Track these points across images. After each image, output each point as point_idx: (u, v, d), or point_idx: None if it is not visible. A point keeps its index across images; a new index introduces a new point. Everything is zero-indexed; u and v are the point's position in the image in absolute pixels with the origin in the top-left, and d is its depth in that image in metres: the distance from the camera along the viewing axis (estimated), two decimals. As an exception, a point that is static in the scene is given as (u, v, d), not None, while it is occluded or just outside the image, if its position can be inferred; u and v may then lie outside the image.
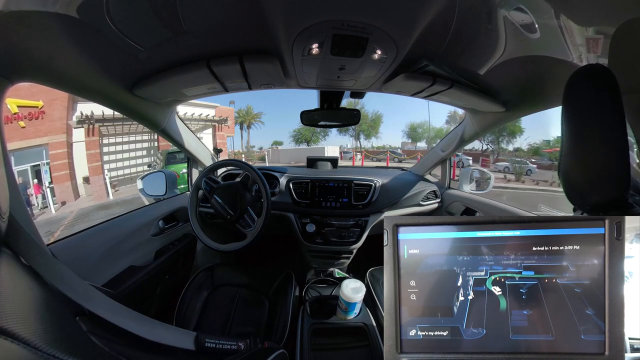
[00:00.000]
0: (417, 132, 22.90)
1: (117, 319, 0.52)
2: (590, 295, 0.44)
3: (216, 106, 15.13)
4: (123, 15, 0.66)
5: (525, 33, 0.73)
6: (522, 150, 19.09)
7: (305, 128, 21.54)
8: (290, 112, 34.53)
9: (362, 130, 22.15)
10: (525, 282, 0.46)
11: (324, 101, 1.35)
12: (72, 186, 9.97)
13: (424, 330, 0.46)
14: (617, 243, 0.44)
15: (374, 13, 0.67)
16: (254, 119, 22.81)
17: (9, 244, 0.44)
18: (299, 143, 23.10)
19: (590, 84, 0.48)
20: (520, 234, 0.46)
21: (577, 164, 0.51)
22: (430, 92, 1.11)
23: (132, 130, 12.04)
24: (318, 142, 22.73)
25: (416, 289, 0.47)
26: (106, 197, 10.41)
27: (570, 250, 0.45)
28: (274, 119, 33.08)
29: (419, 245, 0.48)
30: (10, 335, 0.30)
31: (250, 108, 22.42)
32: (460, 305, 0.46)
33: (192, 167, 1.73)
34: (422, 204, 1.70)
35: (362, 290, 1.06)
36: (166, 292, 1.37)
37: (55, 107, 9.39)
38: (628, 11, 0.50)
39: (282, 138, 23.61)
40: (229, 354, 0.68)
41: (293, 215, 1.57)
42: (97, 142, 10.67)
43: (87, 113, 9.85)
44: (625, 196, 0.48)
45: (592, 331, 0.43)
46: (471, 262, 0.47)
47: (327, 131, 22.29)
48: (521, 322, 0.45)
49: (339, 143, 22.73)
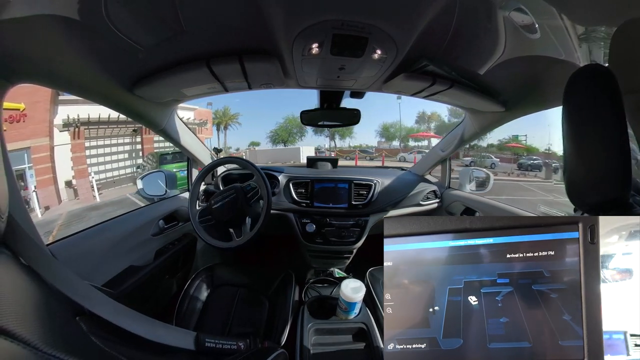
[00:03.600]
0: (389, 131, 23.65)
1: (117, 319, 0.52)
2: (566, 301, 0.43)
3: (195, 108, 15.01)
4: (122, 16, 0.66)
5: (525, 33, 0.73)
6: (493, 145, 20.10)
7: (282, 129, 22.50)
8: (266, 113, 35.47)
9: (337, 131, 22.52)
10: (500, 290, 0.45)
11: (324, 101, 1.35)
12: (55, 190, 9.77)
13: (402, 343, 0.46)
14: (591, 247, 0.43)
15: (374, 13, 0.67)
16: (230, 120, 22.66)
17: (8, 244, 0.44)
18: (275, 143, 23.33)
19: (591, 84, 0.47)
20: (494, 242, 0.46)
21: (577, 164, 0.51)
22: (430, 92, 1.11)
23: (114, 133, 11.98)
24: (295, 142, 23.11)
25: (392, 302, 0.47)
26: (92, 200, 10.36)
27: (544, 256, 0.45)
28: (251, 120, 33.83)
29: (392, 258, 0.48)
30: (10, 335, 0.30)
31: (227, 109, 22.41)
32: (436, 316, 0.46)
33: (191, 167, 1.73)
34: (422, 203, 1.70)
35: (362, 290, 1.06)
36: (166, 292, 1.37)
37: (37, 110, 9.16)
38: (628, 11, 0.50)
39: (259, 139, 23.85)
40: (228, 354, 0.68)
41: (293, 215, 1.56)
42: (82, 145, 10.63)
43: (72, 116, 9.81)
44: (626, 196, 0.48)
45: (570, 336, 0.43)
46: (445, 272, 0.47)
47: (304, 132, 22.95)
48: (498, 330, 0.44)
49: (315, 143, 23.30)
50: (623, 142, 0.45)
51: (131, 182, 11.91)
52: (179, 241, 1.50)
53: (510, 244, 0.46)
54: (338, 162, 1.88)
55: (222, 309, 1.20)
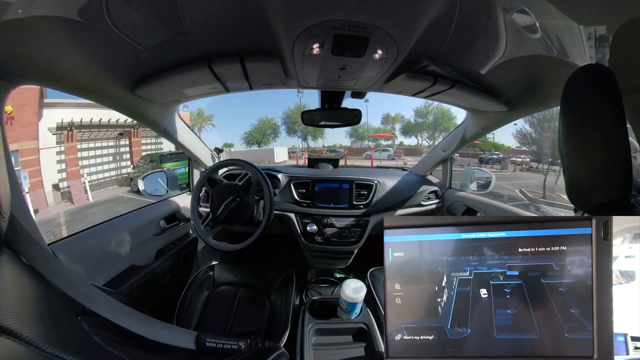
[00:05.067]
0: (358, 132, 24.42)
1: (118, 318, 0.52)
2: (574, 294, 0.44)
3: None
4: (124, 16, 0.67)
5: (525, 33, 0.73)
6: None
7: (256, 130, 23.09)
8: (240, 115, 36.08)
9: (309, 132, 23.29)
10: (509, 282, 0.46)
11: (325, 101, 1.35)
12: (43, 194, 9.68)
13: (410, 334, 0.47)
14: (604, 243, 0.44)
15: (375, 13, 0.67)
16: (205, 122, 22.85)
17: (9, 244, 0.44)
18: (250, 145, 23.75)
19: (591, 84, 0.47)
20: (506, 235, 0.46)
21: (578, 165, 0.51)
22: (432, 92, 1.11)
23: (100, 136, 12.07)
24: (269, 143, 23.62)
25: (401, 292, 0.48)
26: (85, 200, 10.40)
27: (556, 250, 0.45)
28: (226, 122, 34.28)
29: (403, 248, 0.48)
30: (12, 335, 0.30)
31: (201, 111, 22.66)
32: (444, 305, 0.47)
33: (192, 167, 1.73)
34: (423, 204, 1.70)
35: (363, 290, 1.06)
36: (167, 292, 1.38)
37: (24, 113, 9.10)
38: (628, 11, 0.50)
39: (233, 140, 24.42)
40: (229, 354, 0.68)
41: (294, 215, 1.57)
42: (75, 148, 10.74)
43: (66, 119, 9.95)
44: (627, 197, 0.47)
45: (576, 330, 0.43)
46: (455, 263, 0.47)
47: (277, 132, 23.63)
48: (505, 321, 0.45)
49: (289, 144, 23.93)
50: (623, 142, 0.44)
51: (116, 185, 12.04)
52: (180, 241, 1.51)
53: (521, 238, 0.46)
54: (339, 162, 1.88)
55: (222, 309, 1.20)
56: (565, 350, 0.43)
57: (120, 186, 12.12)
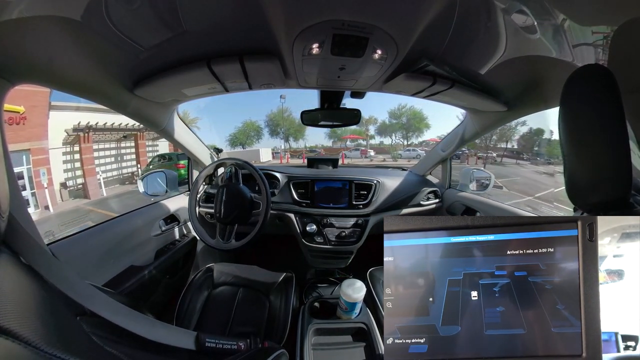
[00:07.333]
0: (337, 133, 25.32)
1: (117, 318, 0.52)
2: (561, 292, 0.46)
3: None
4: (123, 16, 0.66)
5: (525, 33, 0.73)
6: (427, 142, 23.04)
7: (241, 132, 23.63)
8: (224, 118, 36.40)
9: (291, 133, 24.05)
10: (497, 282, 0.48)
11: (325, 101, 1.35)
12: (51, 192, 10.23)
13: (402, 336, 0.48)
14: (590, 244, 0.45)
15: (375, 13, 0.67)
16: (190, 124, 23.00)
17: (8, 244, 0.44)
18: (234, 146, 24.16)
19: (590, 84, 0.47)
20: (494, 238, 0.48)
21: (578, 165, 0.51)
22: (431, 91, 1.11)
23: (102, 139, 12.65)
24: (252, 144, 24.14)
25: (392, 296, 0.49)
26: (99, 195, 11.44)
27: (543, 252, 0.47)
28: (210, 124, 34.97)
29: (393, 253, 0.50)
30: (11, 335, 0.30)
31: (186, 113, 22.89)
32: (435, 305, 0.49)
33: (192, 167, 1.73)
34: (422, 203, 1.70)
35: (363, 290, 1.06)
36: (166, 292, 1.37)
37: (35, 114, 9.53)
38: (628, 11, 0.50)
39: (218, 142, 25.07)
40: (229, 354, 0.68)
41: (294, 215, 1.56)
42: (91, 148, 11.60)
43: (83, 122, 10.66)
44: (626, 196, 0.48)
45: (563, 325, 0.45)
46: (446, 265, 0.49)
47: (261, 134, 24.28)
48: (494, 319, 0.47)
49: (272, 145, 24.58)
50: (623, 141, 0.45)
51: (118, 184, 12.78)
52: (179, 241, 1.51)
53: (509, 241, 0.48)
54: (338, 162, 1.88)
55: (222, 309, 1.20)
56: (554, 344, 0.45)
57: (121, 185, 12.92)
